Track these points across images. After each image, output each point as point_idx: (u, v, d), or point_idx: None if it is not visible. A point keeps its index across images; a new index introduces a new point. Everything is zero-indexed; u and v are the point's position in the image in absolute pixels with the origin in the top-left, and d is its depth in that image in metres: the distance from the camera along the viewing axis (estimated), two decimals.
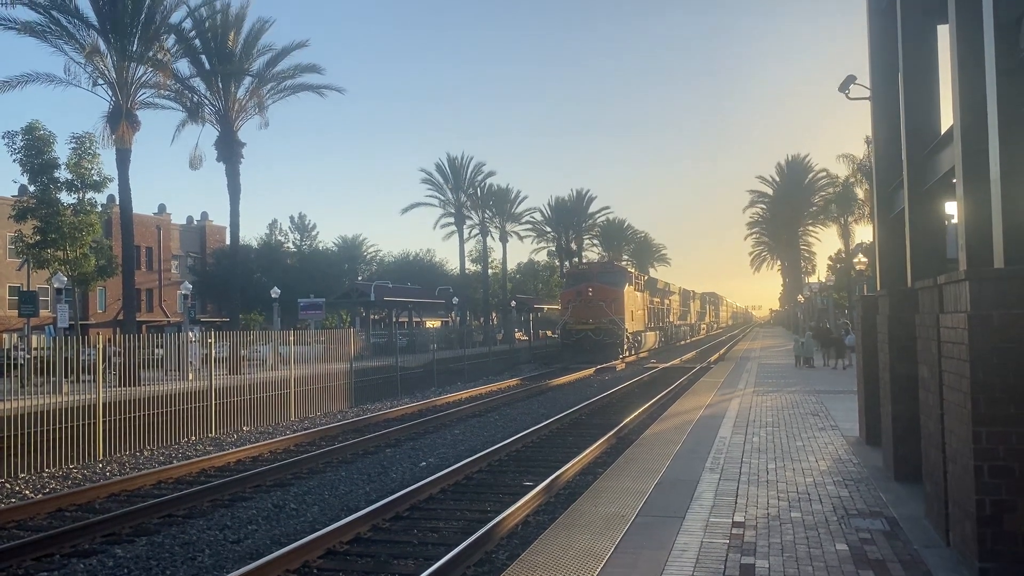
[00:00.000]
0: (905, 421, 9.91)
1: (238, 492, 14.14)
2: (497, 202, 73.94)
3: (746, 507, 9.03)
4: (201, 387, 22.38)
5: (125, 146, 29.78)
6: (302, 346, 28.57)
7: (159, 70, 31.46)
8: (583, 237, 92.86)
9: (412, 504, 12.57)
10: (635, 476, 10.79)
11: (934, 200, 9.97)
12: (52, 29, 28.80)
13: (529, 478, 14.40)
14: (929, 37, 10.18)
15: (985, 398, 6.12)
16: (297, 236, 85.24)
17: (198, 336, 27.24)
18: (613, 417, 22.48)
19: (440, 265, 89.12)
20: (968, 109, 7.06)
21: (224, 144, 36.47)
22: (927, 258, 9.86)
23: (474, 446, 18.66)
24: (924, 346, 8.08)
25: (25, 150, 28.04)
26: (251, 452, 18.39)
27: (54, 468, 17.27)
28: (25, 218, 29.08)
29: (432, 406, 27.48)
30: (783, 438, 14.04)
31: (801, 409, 18.36)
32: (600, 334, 47.87)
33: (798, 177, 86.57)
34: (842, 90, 13.97)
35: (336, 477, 15.39)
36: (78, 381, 20.69)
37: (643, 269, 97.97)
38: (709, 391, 23.04)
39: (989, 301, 6.20)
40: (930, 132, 9.83)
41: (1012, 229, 6.26)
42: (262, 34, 37.65)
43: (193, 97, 36.29)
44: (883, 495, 9.49)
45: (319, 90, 39.01)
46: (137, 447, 19.64)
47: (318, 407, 27.12)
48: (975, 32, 6.79)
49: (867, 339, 12.87)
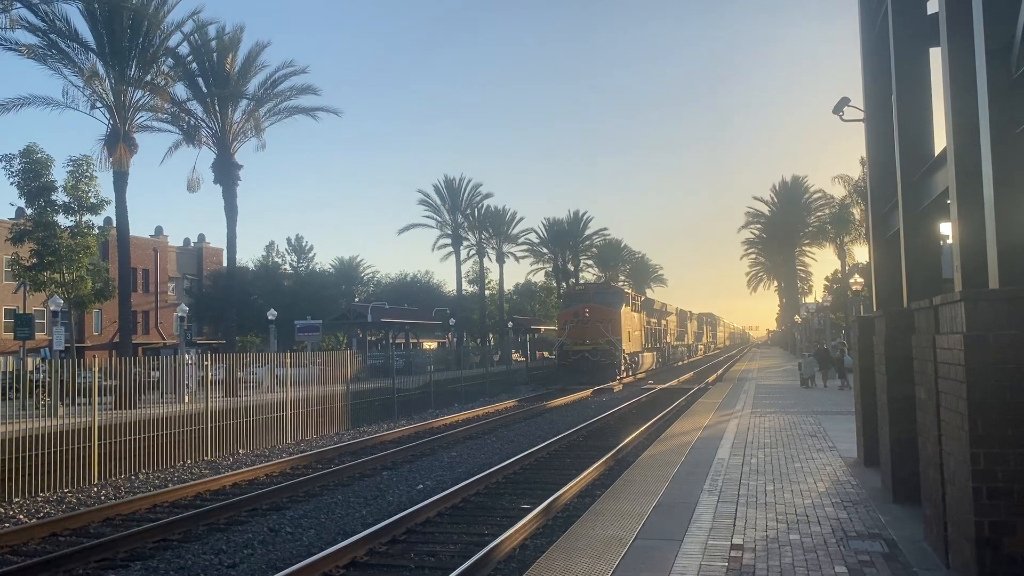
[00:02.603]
0: (903, 442, 9.89)
1: (234, 516, 14.04)
2: (494, 223, 74.03)
3: (744, 529, 8.99)
4: (197, 410, 22.29)
5: (122, 169, 29.81)
6: (298, 368, 28.49)
7: (157, 94, 31.58)
8: (580, 258, 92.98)
9: (409, 527, 12.49)
10: (633, 498, 10.75)
11: (929, 221, 10.01)
12: (52, 53, 28.94)
13: (527, 501, 14.32)
14: (922, 60, 10.27)
15: (983, 419, 6.11)
16: (294, 258, 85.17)
17: (194, 358, 27.12)
18: (611, 439, 22.41)
19: (437, 286, 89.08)
20: (961, 131, 7.11)
21: (221, 167, 36.49)
22: (923, 279, 9.88)
23: (471, 468, 18.57)
24: (921, 367, 8.08)
25: (23, 173, 28.11)
26: (247, 475, 18.28)
27: (48, 492, 17.15)
28: (22, 241, 29.10)
29: (429, 428, 27.39)
30: (781, 459, 14.00)
31: (799, 430, 18.32)
32: (597, 355, 47.77)
33: (795, 197, 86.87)
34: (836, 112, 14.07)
35: (333, 500, 15.30)
36: (73, 404, 20.59)
37: (640, 290, 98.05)
38: (707, 412, 22.99)
39: (985, 322, 6.21)
40: (924, 153, 9.89)
41: (1007, 250, 6.28)
42: (258, 57, 37.76)
43: (190, 120, 36.34)
44: (882, 517, 9.46)
45: (315, 112, 39.13)
46: (132, 470, 19.52)
47: (314, 429, 27.00)
48: (967, 55, 6.85)
49: (864, 360, 12.87)
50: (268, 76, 37.70)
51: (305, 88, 38.42)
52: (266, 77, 37.73)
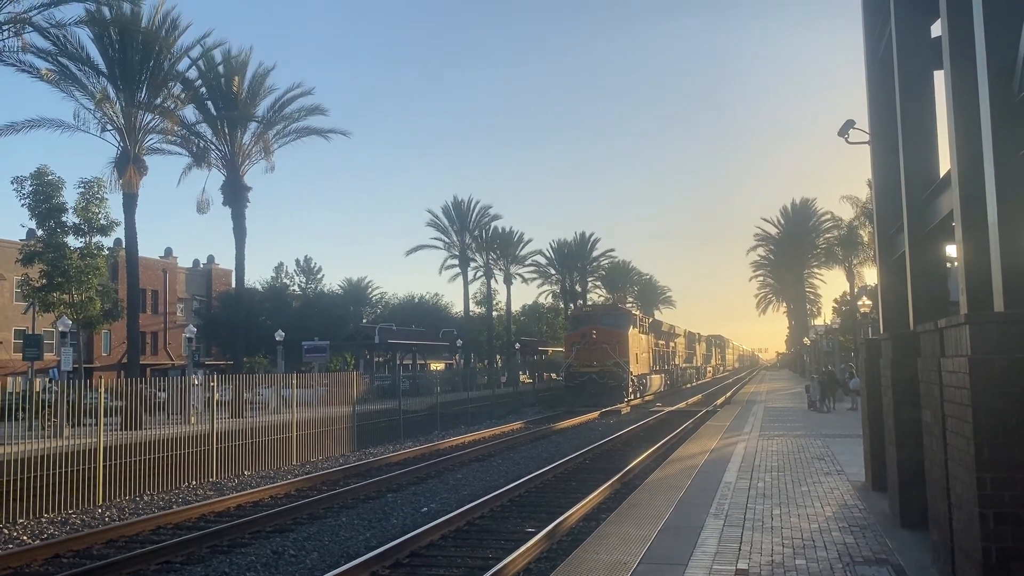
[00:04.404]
0: (910, 466, 9.79)
1: (237, 538, 13.99)
2: (502, 245, 74.12)
3: (750, 554, 8.90)
4: (203, 431, 22.27)
5: (132, 191, 30.04)
6: (305, 389, 28.48)
7: (166, 117, 31.86)
8: (587, 279, 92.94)
9: (412, 550, 12.41)
10: (638, 522, 10.66)
11: (935, 243, 9.98)
12: (65, 76, 29.26)
13: (531, 524, 14.23)
14: (926, 83, 10.29)
15: (989, 444, 6.04)
16: (302, 279, 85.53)
17: (201, 380, 27.17)
18: (617, 462, 22.28)
19: (445, 308, 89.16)
20: (964, 153, 7.10)
21: (230, 189, 36.72)
22: (929, 301, 9.83)
23: (476, 491, 18.48)
24: (927, 390, 8.02)
25: (33, 195, 28.33)
26: (252, 497, 18.23)
27: (53, 513, 17.12)
28: (32, 262, 29.27)
29: (435, 450, 27.29)
30: (788, 483, 13.89)
31: (807, 453, 18.18)
32: (605, 377, 47.57)
33: (803, 219, 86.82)
34: (841, 134, 14.04)
35: (337, 522, 15.23)
36: (79, 425, 20.61)
37: (648, 311, 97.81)
38: (714, 435, 22.85)
39: (990, 345, 6.16)
40: (929, 176, 9.87)
41: (1012, 272, 6.24)
42: (266, 79, 38.13)
43: (199, 142, 36.64)
44: (889, 542, 9.35)
45: (324, 134, 39.39)
46: (137, 491, 19.49)
47: (320, 451, 26.95)
48: (970, 78, 6.86)
49: (871, 383, 12.79)
50: (277, 99, 38.07)
51: (313, 109, 38.76)
52: (275, 100, 38.10)
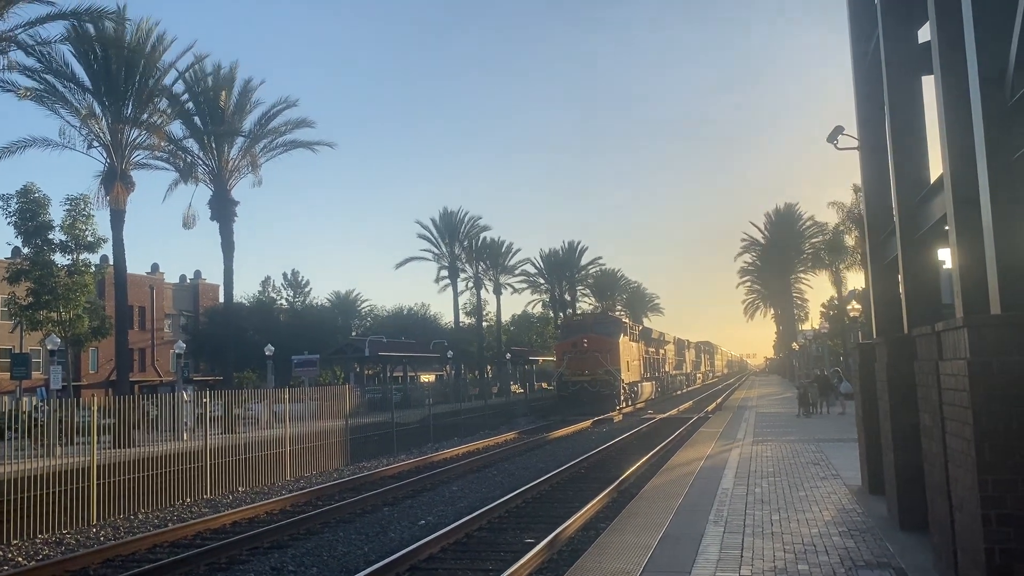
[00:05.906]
0: (909, 469, 9.84)
1: (235, 555, 13.90)
2: (491, 255, 74.10)
3: (752, 560, 8.92)
4: (195, 447, 22.12)
5: (119, 207, 29.92)
6: (296, 404, 28.34)
7: (153, 132, 31.79)
8: (576, 288, 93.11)
9: (412, 564, 12.36)
10: (638, 531, 10.66)
11: (927, 247, 10.06)
12: (49, 94, 29.15)
13: (530, 535, 14.19)
14: (914, 87, 10.38)
15: (989, 445, 6.09)
16: (290, 293, 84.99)
17: (191, 395, 26.99)
18: (613, 470, 22.26)
19: (435, 319, 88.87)
20: (957, 157, 7.17)
21: (217, 203, 36.60)
22: (923, 304, 9.91)
23: (473, 503, 18.43)
24: (925, 394, 8.07)
25: (20, 212, 28.19)
26: (247, 513, 18.11)
27: (47, 533, 16.95)
28: (19, 280, 29.08)
29: (429, 462, 27.19)
30: (785, 488, 13.93)
31: (802, 458, 18.24)
32: (596, 385, 47.62)
33: (788, 225, 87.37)
34: (830, 140, 14.17)
35: (335, 537, 15.15)
36: (71, 443, 20.45)
37: (637, 319, 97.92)
38: (709, 442, 22.89)
39: (989, 348, 6.22)
40: (920, 180, 9.96)
41: (1007, 274, 6.30)
42: (253, 93, 38.10)
43: (186, 158, 36.51)
44: (890, 545, 9.39)
45: (311, 146, 39.37)
46: (131, 510, 19.32)
47: (314, 465, 26.80)
48: (961, 83, 6.93)
49: (865, 387, 12.85)
50: (264, 112, 38.05)
51: (300, 122, 38.75)
52: (262, 113, 38.07)
